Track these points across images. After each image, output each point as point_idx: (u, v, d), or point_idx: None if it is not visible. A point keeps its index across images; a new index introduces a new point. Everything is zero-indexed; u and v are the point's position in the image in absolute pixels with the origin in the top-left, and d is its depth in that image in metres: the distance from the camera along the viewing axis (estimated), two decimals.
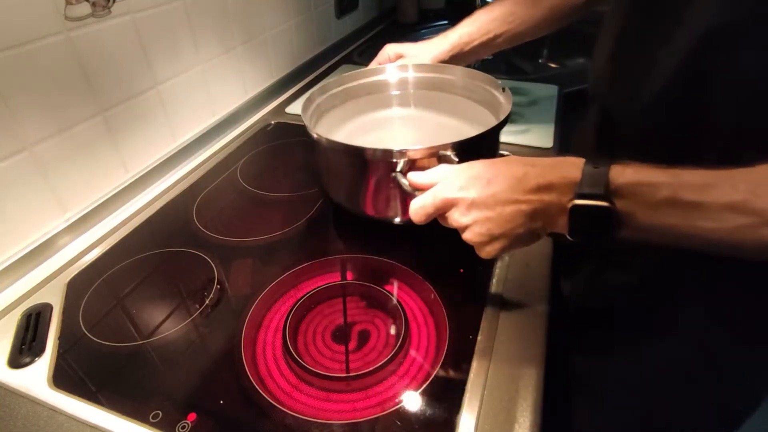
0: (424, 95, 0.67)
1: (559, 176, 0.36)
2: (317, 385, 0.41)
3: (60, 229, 0.57)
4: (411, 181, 0.43)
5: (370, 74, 0.67)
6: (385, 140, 0.60)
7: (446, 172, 0.41)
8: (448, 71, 0.65)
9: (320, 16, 1.10)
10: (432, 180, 0.41)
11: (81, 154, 0.58)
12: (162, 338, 0.46)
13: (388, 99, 0.67)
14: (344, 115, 0.64)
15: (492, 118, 0.58)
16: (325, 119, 0.63)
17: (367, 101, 0.67)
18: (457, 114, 0.62)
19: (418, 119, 0.64)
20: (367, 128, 0.62)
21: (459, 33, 0.66)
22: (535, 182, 0.36)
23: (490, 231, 0.38)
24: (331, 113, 0.64)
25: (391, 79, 0.67)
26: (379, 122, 0.64)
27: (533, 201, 0.36)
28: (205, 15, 0.74)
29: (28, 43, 0.50)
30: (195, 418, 0.38)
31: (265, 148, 0.78)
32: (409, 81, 0.67)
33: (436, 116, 0.64)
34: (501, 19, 0.64)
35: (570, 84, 0.95)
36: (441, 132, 0.60)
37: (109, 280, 0.53)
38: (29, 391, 0.41)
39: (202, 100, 0.77)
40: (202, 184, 0.69)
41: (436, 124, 0.62)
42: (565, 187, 0.35)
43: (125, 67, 0.62)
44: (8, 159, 0.50)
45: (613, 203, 0.33)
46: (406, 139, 0.61)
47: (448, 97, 0.65)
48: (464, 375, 0.41)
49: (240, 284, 0.52)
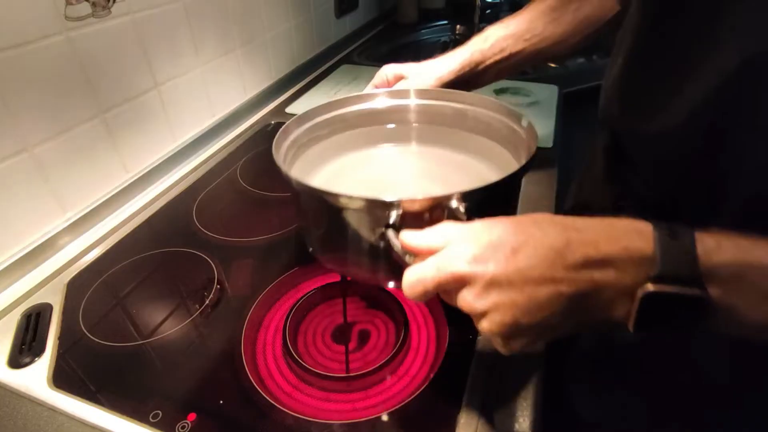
0: (428, 127, 0.56)
1: (620, 248, 0.27)
2: (317, 385, 0.41)
3: (60, 229, 0.57)
4: (405, 243, 0.32)
5: (362, 100, 0.55)
6: (378, 184, 0.50)
7: (454, 235, 0.30)
8: (457, 98, 0.53)
9: (320, 17, 1.10)
10: (434, 244, 0.30)
11: (81, 155, 0.58)
12: (162, 338, 0.46)
13: (383, 132, 0.56)
14: (329, 150, 0.53)
15: (511, 158, 0.47)
16: (306, 155, 0.51)
17: (358, 134, 0.55)
18: (468, 152, 0.52)
19: (420, 158, 0.54)
20: (356, 168, 0.52)
21: (470, 51, 0.56)
22: (582, 255, 0.27)
23: (516, 320, 0.28)
24: (314, 148, 0.52)
25: (388, 108, 0.55)
26: (372, 161, 0.53)
27: (579, 281, 0.27)
28: (205, 15, 0.74)
29: (28, 43, 0.50)
30: (195, 418, 0.38)
31: (265, 148, 0.78)
32: (410, 109, 0.56)
33: (442, 154, 0.53)
34: (517, 36, 0.55)
35: (570, 84, 0.95)
36: (448, 175, 0.50)
37: (109, 280, 0.53)
38: (29, 391, 0.41)
39: (202, 101, 0.77)
40: (202, 184, 0.69)
41: (442, 165, 0.52)
42: (630, 264, 0.27)
43: (125, 67, 0.62)
44: (8, 159, 0.50)
45: (707, 291, 0.26)
46: (403, 183, 0.50)
47: (457, 130, 0.54)
48: (464, 375, 0.41)
49: (240, 284, 0.52)
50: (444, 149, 0.53)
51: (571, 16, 0.55)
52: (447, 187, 0.40)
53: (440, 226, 0.31)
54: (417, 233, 0.32)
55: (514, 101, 0.88)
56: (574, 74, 1.01)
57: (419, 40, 1.39)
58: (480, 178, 0.47)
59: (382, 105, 0.55)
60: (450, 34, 1.42)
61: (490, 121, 0.50)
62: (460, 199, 0.33)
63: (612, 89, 0.46)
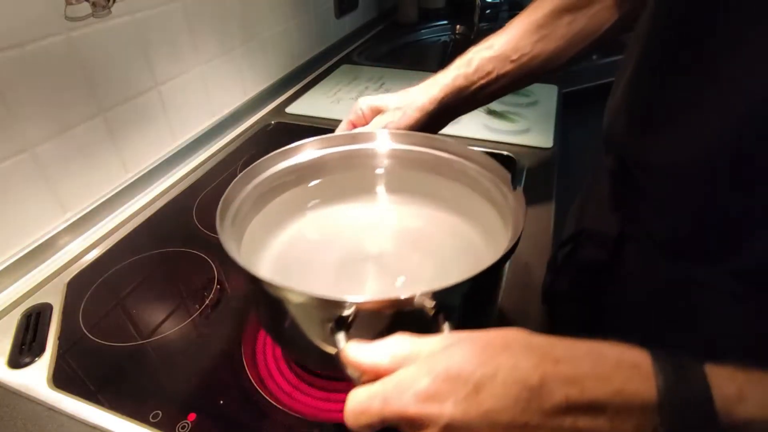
0: (406, 177, 0.47)
1: (613, 391, 0.22)
2: (317, 385, 0.41)
3: (60, 229, 0.57)
4: (348, 357, 0.26)
5: (326, 144, 0.46)
6: (343, 252, 0.43)
7: (405, 355, 0.25)
8: (439, 145, 0.46)
9: (320, 17, 1.10)
10: (381, 364, 0.25)
11: (81, 155, 0.58)
12: (162, 338, 0.46)
13: (355, 181, 0.47)
14: (285, 211, 0.45)
15: (498, 220, 0.41)
16: (257, 219, 0.43)
17: (320, 188, 0.47)
18: (452, 209, 0.45)
19: (397, 214, 0.47)
20: (322, 231, 0.45)
21: (452, 75, 0.50)
22: (563, 397, 0.22)
23: None
24: (268, 209, 0.44)
25: (358, 154, 0.47)
26: (341, 219, 0.46)
27: (560, 430, 0.22)
28: (205, 15, 0.74)
29: (29, 43, 0.50)
30: (195, 418, 0.38)
31: (265, 148, 0.78)
32: (385, 155, 0.47)
33: (421, 212, 0.46)
34: (503, 57, 0.50)
35: (570, 84, 0.95)
36: (429, 240, 0.44)
37: (109, 280, 0.53)
38: (29, 391, 0.41)
39: (202, 101, 0.77)
40: (202, 184, 0.70)
41: (423, 225, 0.45)
42: (627, 413, 0.21)
43: (125, 67, 0.62)
44: (8, 159, 0.50)
45: None
46: (372, 252, 0.43)
47: (439, 180, 0.46)
48: None
49: (240, 284, 0.52)
50: (422, 204, 0.47)
51: (563, 30, 0.50)
52: (427, 257, 0.36)
53: (391, 341, 0.26)
54: (362, 348, 0.26)
55: (513, 101, 0.89)
56: (574, 74, 1.01)
57: (419, 40, 1.39)
58: (466, 245, 0.41)
59: (351, 149, 0.47)
60: (450, 34, 1.42)
61: (475, 176, 0.44)
62: (428, 297, 0.28)
63: (618, 105, 0.39)
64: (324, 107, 0.90)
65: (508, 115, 0.84)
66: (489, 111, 0.86)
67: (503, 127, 0.80)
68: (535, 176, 0.68)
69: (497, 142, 0.76)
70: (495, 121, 0.82)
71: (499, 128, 0.80)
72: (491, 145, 0.75)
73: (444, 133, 0.71)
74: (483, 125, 0.81)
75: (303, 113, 0.89)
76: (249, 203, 0.42)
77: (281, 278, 0.31)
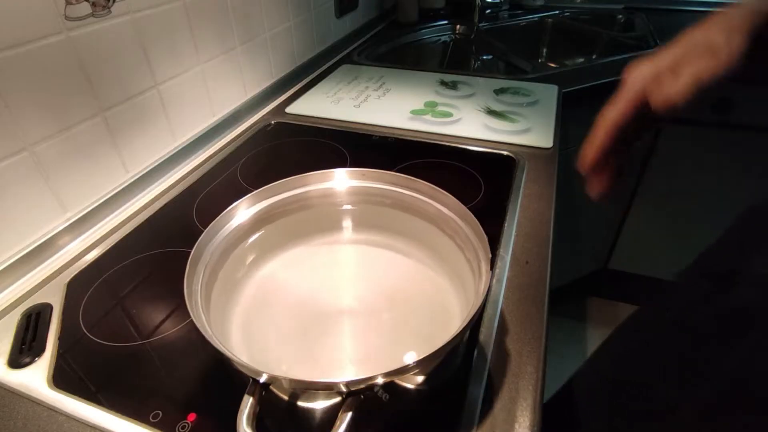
0: (371, 213, 0.47)
1: None
2: None
3: (60, 229, 0.57)
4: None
5: (298, 184, 0.47)
6: (309, 305, 0.44)
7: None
8: (412, 186, 0.45)
9: (320, 16, 1.10)
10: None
11: (81, 154, 0.58)
12: (162, 338, 0.46)
13: (322, 221, 0.47)
14: (268, 248, 0.47)
15: (468, 270, 0.40)
16: (228, 261, 0.45)
17: (292, 231, 0.48)
18: (423, 254, 0.45)
19: (364, 258, 0.46)
20: (292, 279, 0.46)
21: None
22: None
23: None
24: (249, 246, 0.46)
25: (324, 191, 0.47)
26: (307, 264, 0.46)
27: None
28: (205, 15, 0.74)
29: (28, 43, 0.50)
30: (195, 418, 0.38)
31: (265, 148, 0.78)
32: (350, 192, 0.47)
33: (390, 257, 0.46)
34: None
35: (570, 84, 0.95)
36: (396, 295, 0.44)
37: (109, 280, 0.53)
38: (29, 391, 0.41)
39: (202, 100, 0.77)
40: (202, 184, 0.69)
41: (391, 276, 0.45)
42: None
43: (125, 67, 0.62)
44: (8, 159, 0.50)
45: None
46: (345, 299, 0.44)
47: (417, 222, 0.45)
48: (464, 374, 0.41)
49: None
50: (392, 249, 0.46)
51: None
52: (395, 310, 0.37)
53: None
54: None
55: (513, 101, 0.89)
56: (574, 74, 1.01)
57: (419, 40, 1.39)
58: (437, 307, 0.41)
59: (321, 188, 0.46)
60: (450, 34, 1.42)
61: (450, 225, 0.44)
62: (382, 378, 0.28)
63: None
64: (324, 107, 0.90)
65: (508, 115, 0.84)
66: (489, 111, 0.86)
67: (503, 127, 0.80)
68: (535, 176, 0.68)
69: (497, 141, 0.76)
70: (495, 120, 0.82)
71: (499, 128, 0.80)
72: (491, 145, 0.75)
73: (444, 133, 0.71)
74: (483, 125, 0.81)
75: (303, 113, 0.89)
76: (212, 264, 0.45)
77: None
